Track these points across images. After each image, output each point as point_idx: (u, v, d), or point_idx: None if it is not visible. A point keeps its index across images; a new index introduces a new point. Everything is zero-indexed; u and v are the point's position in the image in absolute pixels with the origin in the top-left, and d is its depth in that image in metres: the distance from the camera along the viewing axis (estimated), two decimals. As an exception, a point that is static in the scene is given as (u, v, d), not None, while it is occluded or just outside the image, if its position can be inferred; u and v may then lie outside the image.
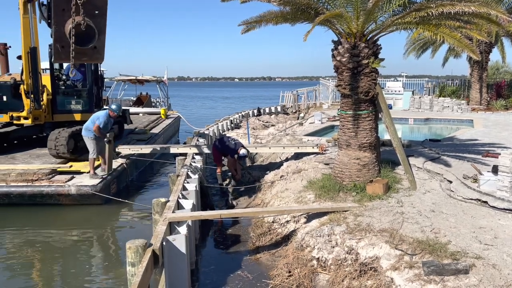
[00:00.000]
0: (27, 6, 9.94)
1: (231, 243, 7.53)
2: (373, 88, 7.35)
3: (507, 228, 5.49)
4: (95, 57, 7.40)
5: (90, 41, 6.93)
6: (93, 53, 7.26)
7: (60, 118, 11.13)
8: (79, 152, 10.60)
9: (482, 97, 20.53)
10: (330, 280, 5.33)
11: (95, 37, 7.01)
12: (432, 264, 4.54)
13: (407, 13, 6.85)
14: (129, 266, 4.54)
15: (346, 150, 7.56)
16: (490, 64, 22.96)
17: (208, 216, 6.84)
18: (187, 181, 7.87)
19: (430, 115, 19.03)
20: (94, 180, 9.24)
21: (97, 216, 9.06)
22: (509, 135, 12.31)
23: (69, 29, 6.51)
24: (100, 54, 7.46)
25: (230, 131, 18.70)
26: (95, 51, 7.22)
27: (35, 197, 8.96)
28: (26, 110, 10.41)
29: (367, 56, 7.22)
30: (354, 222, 6.02)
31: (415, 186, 7.36)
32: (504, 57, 21.05)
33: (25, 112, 10.41)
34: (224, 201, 9.64)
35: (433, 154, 9.56)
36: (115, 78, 23.54)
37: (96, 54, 7.34)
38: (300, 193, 7.78)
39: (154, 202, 6.27)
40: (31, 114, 10.47)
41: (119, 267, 6.60)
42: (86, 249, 7.60)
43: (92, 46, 7.07)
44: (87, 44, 6.92)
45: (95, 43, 7.11)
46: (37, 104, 10.47)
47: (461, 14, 6.67)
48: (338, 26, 7.44)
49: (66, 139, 10.06)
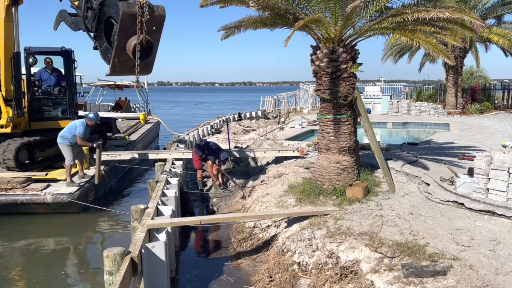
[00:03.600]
0: (10, 10, 9.57)
1: (212, 249, 7.47)
2: (351, 92, 7.43)
3: (483, 229, 5.60)
4: (146, 69, 7.44)
5: (148, 55, 7.03)
6: (145, 66, 7.29)
7: (38, 126, 10.74)
8: (38, 164, 10.22)
9: (457, 101, 21.00)
10: (311, 284, 5.33)
11: (153, 52, 7.12)
12: (411, 266, 4.59)
13: (384, 19, 6.96)
14: (106, 275, 4.44)
15: (325, 154, 7.60)
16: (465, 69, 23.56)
17: (188, 223, 6.76)
18: (166, 187, 7.78)
19: (408, 119, 19.34)
20: (71, 188, 9.04)
21: (74, 225, 8.86)
22: (483, 138, 12.61)
23: (132, 45, 6.65)
24: (150, 67, 7.55)
25: (210, 136, 18.62)
26: (147, 64, 7.28)
27: (9, 207, 8.70)
28: (5, 118, 9.97)
29: (345, 61, 7.29)
30: (334, 225, 6.04)
31: (394, 189, 7.46)
32: (478, 62, 21.57)
33: (4, 120, 9.97)
34: (205, 207, 9.57)
35: (411, 157, 9.71)
36: (94, 83, 23.15)
37: (147, 67, 7.40)
38: (281, 198, 7.78)
39: (132, 209, 6.17)
40: (11, 122, 10.05)
41: (97, 276, 6.45)
42: (63, 258, 7.41)
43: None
44: (145, 59, 7.00)
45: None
46: (20, 111, 10.09)
47: (436, 20, 6.81)
48: (317, 31, 7.50)
49: (14, 152, 9.49)
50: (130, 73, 7.11)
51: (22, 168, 9.79)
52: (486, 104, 21.82)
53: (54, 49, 11.18)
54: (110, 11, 6.88)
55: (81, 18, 7.48)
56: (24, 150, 9.91)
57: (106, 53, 7.13)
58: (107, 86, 22.76)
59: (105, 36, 7.12)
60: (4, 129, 10.01)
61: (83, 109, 17.38)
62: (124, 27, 6.66)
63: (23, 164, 9.90)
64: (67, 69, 11.25)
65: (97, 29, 7.16)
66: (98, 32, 7.19)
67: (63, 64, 11.37)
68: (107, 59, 7.09)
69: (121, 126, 16.86)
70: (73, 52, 11.26)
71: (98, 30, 7.14)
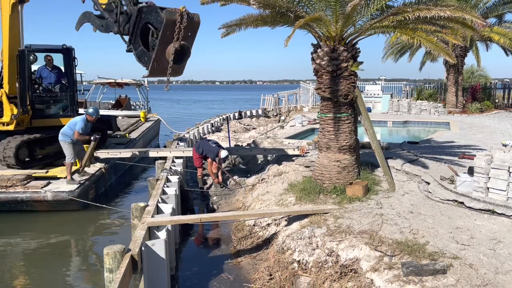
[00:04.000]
0: (16, 7, 9.53)
1: (212, 247, 7.48)
2: (352, 91, 7.42)
3: (483, 228, 5.60)
4: (179, 72, 7.88)
5: (183, 59, 7.50)
6: (178, 68, 7.71)
7: (39, 124, 10.73)
8: (38, 161, 10.22)
9: (458, 100, 21.00)
10: (311, 282, 5.33)
11: (188, 56, 7.53)
12: (411, 265, 4.59)
13: (385, 17, 6.96)
14: (106, 273, 4.45)
15: (326, 152, 7.60)
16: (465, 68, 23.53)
17: (188, 221, 6.76)
18: (166, 185, 7.79)
19: (408, 118, 19.34)
20: (71, 185, 9.04)
21: (75, 222, 8.87)
22: (484, 137, 12.60)
23: (171, 50, 7.10)
24: (182, 70, 7.94)
25: (211, 134, 18.60)
26: (180, 66, 7.68)
27: (10, 204, 8.71)
28: (8, 115, 9.97)
29: (346, 59, 7.28)
30: (334, 224, 6.05)
31: (394, 188, 7.46)
32: (479, 61, 21.56)
33: (8, 118, 9.97)
34: (205, 205, 9.57)
35: (412, 156, 9.71)
36: (94, 81, 23.14)
37: (180, 69, 7.82)
38: (281, 196, 7.79)
39: (133, 207, 6.18)
40: (15, 120, 10.05)
41: (97, 273, 6.46)
42: (63, 255, 7.42)
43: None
44: (180, 63, 7.46)
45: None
46: (25, 109, 10.11)
47: (437, 19, 6.80)
48: (318, 29, 7.49)
49: (15, 149, 9.49)
50: (164, 75, 7.52)
51: (22, 166, 9.79)
52: (487, 103, 21.81)
53: (55, 47, 11.16)
54: (149, 17, 7.32)
55: (110, 21, 7.75)
56: (25, 147, 9.90)
57: (142, 56, 7.50)
58: (108, 84, 22.75)
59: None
60: (7, 126, 10.01)
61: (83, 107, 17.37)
62: (165, 33, 7.09)
63: (23, 162, 9.90)
64: (67, 66, 11.24)
65: (132, 33, 7.48)
66: (133, 36, 7.51)
67: (64, 61, 11.36)
68: (143, 61, 7.48)
69: (121, 124, 16.86)
70: (73, 49, 11.25)
71: (134, 34, 7.48)
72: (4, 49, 9.69)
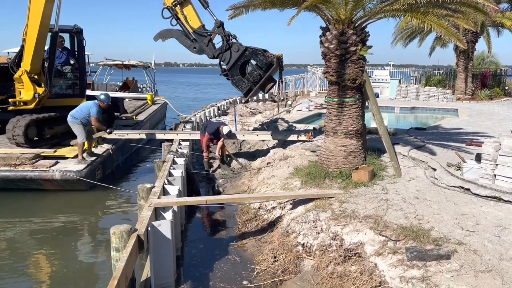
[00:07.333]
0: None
1: (217, 229, 7.54)
2: (360, 75, 7.35)
3: (489, 215, 5.59)
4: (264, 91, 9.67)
5: (272, 87, 9.59)
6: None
7: (49, 103, 10.76)
8: (46, 141, 10.31)
9: (467, 87, 20.74)
10: (315, 265, 5.38)
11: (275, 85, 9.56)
12: (415, 250, 4.61)
13: (396, 0, 6.83)
14: (113, 251, 4.52)
15: (332, 137, 7.58)
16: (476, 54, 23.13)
17: (194, 202, 6.82)
18: (173, 167, 7.83)
19: (416, 104, 19.18)
20: (79, 165, 9.12)
21: (82, 202, 8.97)
22: (492, 125, 12.49)
23: (269, 87, 9.42)
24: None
25: (217, 118, 18.58)
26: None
27: (18, 182, 8.82)
28: (30, 94, 9.98)
29: (355, 43, 7.20)
30: (339, 208, 6.07)
31: (400, 174, 7.44)
32: (490, 47, 21.22)
33: (30, 96, 9.98)
34: (210, 188, 9.63)
35: (418, 142, 9.65)
36: (101, 62, 23.05)
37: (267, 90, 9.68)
38: (286, 180, 7.81)
39: (139, 188, 6.23)
40: (38, 99, 10.11)
41: (104, 252, 6.56)
42: (71, 234, 7.53)
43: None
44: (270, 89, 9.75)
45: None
46: (49, 88, 10.13)
47: (449, 3, 6.68)
48: (327, 12, 7.39)
49: (24, 128, 9.59)
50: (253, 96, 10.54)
51: (31, 145, 9.89)
52: (496, 90, 21.54)
53: (65, 27, 11.12)
54: (251, 56, 8.92)
55: (203, 46, 9.25)
56: (33, 126, 10.00)
57: (239, 83, 9.08)
58: (115, 66, 22.69)
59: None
60: (27, 105, 10.08)
61: (91, 88, 17.38)
62: (267, 72, 8.84)
63: (32, 141, 10.01)
64: (78, 47, 11.25)
65: (233, 65, 9.04)
66: (233, 66, 9.06)
67: (75, 42, 11.38)
68: (239, 86, 9.10)
69: (128, 106, 16.89)
70: (82, 30, 11.23)
71: (235, 65, 9.04)
72: (33, 27, 9.47)
